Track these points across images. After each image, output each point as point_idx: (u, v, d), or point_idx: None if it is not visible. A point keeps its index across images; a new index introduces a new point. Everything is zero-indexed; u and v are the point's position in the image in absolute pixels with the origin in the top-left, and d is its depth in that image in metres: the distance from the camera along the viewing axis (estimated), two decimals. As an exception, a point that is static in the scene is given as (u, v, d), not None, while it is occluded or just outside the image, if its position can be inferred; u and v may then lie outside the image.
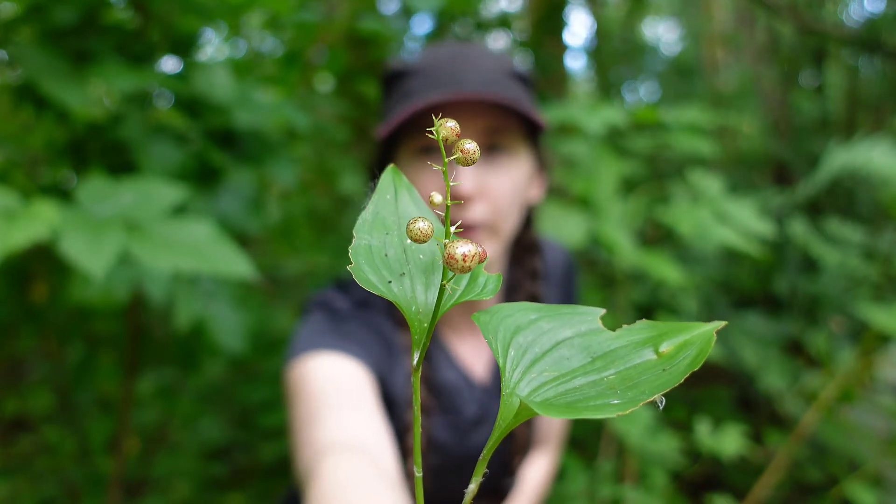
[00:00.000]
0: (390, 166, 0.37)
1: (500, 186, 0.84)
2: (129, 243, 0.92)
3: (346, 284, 0.95)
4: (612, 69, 4.06)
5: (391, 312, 0.91)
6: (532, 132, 0.91)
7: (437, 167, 0.30)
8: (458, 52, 0.88)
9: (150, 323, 1.63)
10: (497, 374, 0.98)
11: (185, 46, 1.37)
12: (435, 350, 0.93)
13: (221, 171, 1.33)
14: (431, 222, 0.28)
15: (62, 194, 1.36)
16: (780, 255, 1.83)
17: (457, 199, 0.79)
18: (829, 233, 1.97)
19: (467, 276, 0.30)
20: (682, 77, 4.14)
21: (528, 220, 0.98)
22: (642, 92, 4.57)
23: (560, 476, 1.48)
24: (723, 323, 0.28)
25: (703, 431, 1.37)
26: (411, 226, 0.27)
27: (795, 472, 1.78)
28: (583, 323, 0.29)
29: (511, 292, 0.97)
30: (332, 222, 2.35)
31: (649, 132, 1.64)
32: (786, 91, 3.36)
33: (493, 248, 0.86)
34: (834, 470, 1.44)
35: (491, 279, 0.31)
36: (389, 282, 0.29)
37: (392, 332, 0.90)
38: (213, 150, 1.31)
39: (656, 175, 2.22)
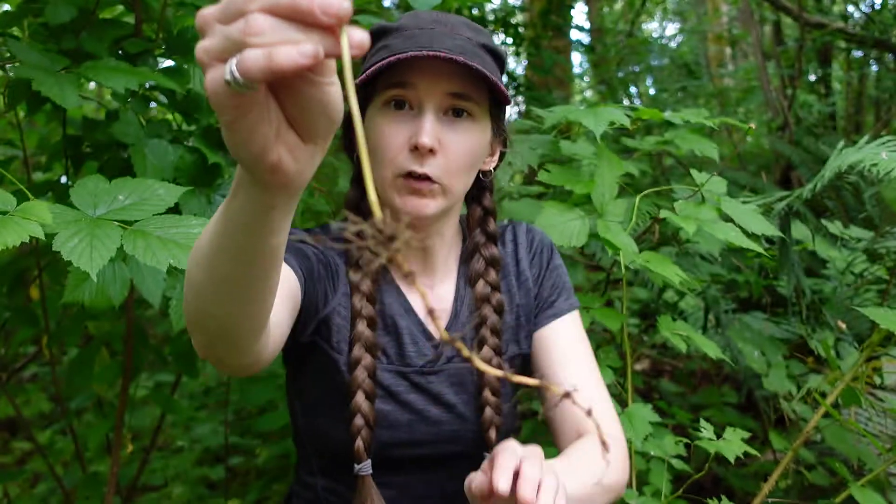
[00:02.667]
0: None
1: (457, 147, 0.90)
2: (124, 241, 0.91)
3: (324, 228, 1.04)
4: (616, 66, 4.03)
5: (347, 256, 0.97)
6: (496, 105, 0.95)
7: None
8: (439, 19, 0.93)
9: (146, 325, 1.62)
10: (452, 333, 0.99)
11: (180, 45, 1.36)
12: (390, 296, 0.98)
13: (218, 170, 1.31)
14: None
15: (57, 193, 1.35)
16: (784, 255, 1.81)
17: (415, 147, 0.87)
18: (835, 234, 1.95)
19: None
20: (688, 74, 4.12)
21: (488, 188, 1.03)
22: (647, 89, 4.54)
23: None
24: None
25: (708, 435, 1.35)
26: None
27: (801, 475, 1.76)
28: None
29: (471, 256, 1.01)
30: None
31: (653, 131, 1.61)
32: (791, 89, 3.33)
33: (439, 205, 0.90)
34: (840, 473, 1.43)
35: None
36: None
37: (344, 267, 0.96)
38: (209, 150, 1.30)
39: (660, 175, 2.19)
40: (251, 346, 0.67)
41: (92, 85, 1.42)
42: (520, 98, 3.08)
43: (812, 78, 3.70)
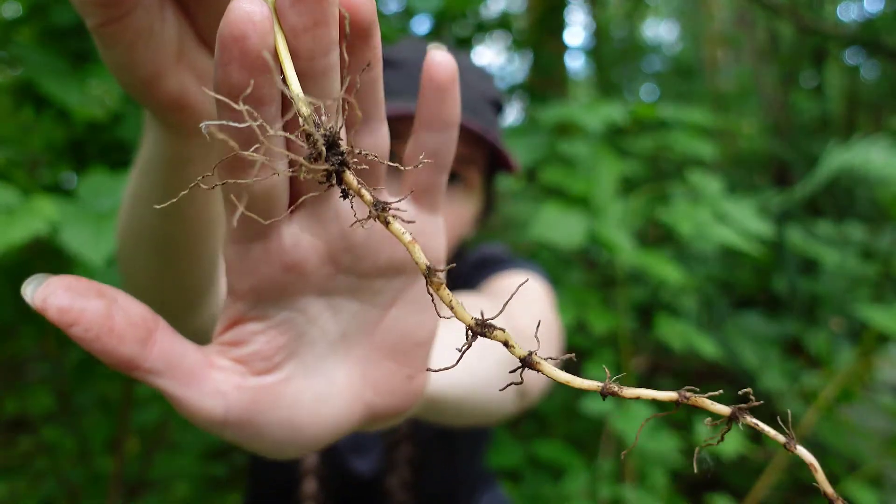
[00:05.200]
0: None
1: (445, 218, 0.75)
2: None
3: None
4: (613, 69, 4.06)
5: None
6: (491, 171, 0.84)
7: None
8: None
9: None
10: None
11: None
12: None
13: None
14: None
15: (63, 192, 1.36)
16: (779, 254, 1.84)
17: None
18: (828, 233, 1.97)
19: None
20: (682, 77, 4.15)
21: (462, 254, 0.92)
22: (642, 92, 4.57)
23: (560, 475, 1.48)
24: None
25: (703, 431, 1.37)
26: None
27: (795, 472, 1.78)
28: None
29: None
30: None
31: (650, 132, 1.64)
32: (786, 91, 3.36)
33: None
34: (834, 470, 1.45)
35: None
36: None
37: None
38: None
39: (657, 175, 2.22)
40: (186, 315, 0.54)
41: (99, 90, 1.43)
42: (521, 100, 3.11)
43: (807, 80, 3.73)
